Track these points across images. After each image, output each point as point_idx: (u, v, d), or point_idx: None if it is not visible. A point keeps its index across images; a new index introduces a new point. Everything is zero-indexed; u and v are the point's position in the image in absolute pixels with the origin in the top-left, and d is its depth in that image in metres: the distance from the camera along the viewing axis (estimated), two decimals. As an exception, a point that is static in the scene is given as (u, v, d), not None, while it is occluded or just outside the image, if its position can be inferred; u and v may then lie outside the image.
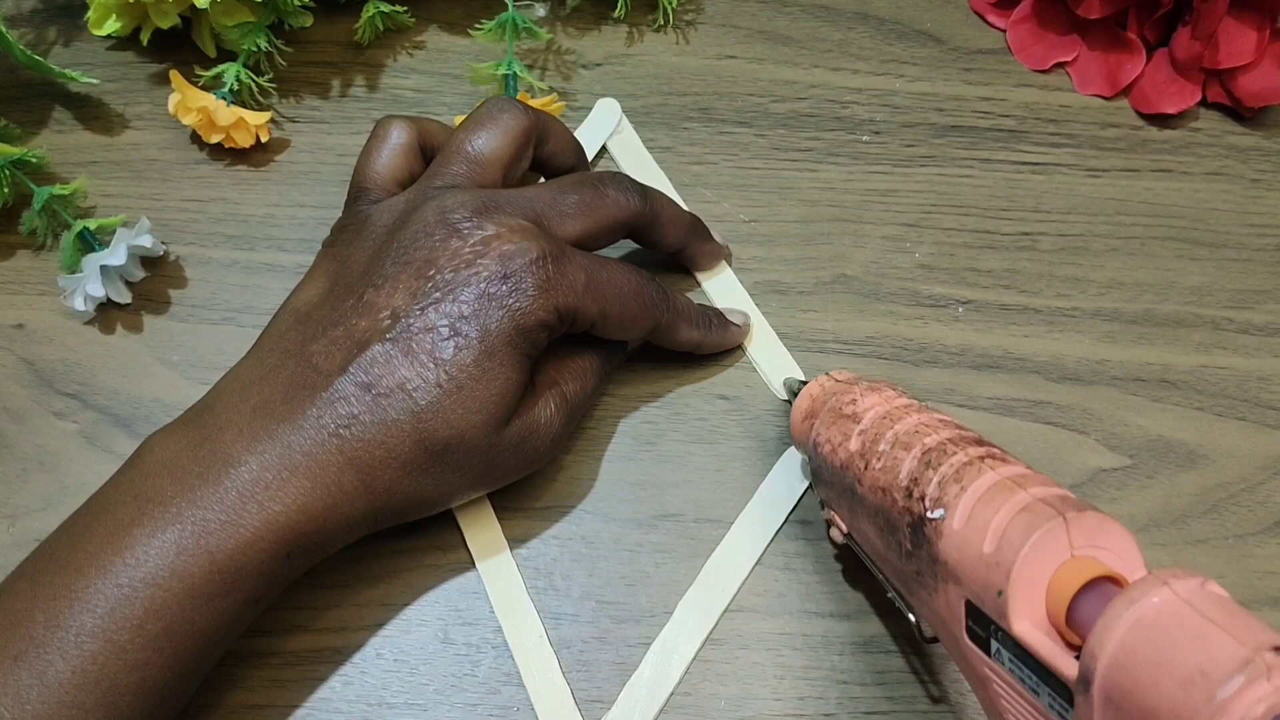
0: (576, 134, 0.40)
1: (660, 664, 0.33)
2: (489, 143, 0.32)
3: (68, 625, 0.25)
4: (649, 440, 0.36)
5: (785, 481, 0.35)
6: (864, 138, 0.42)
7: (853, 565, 0.35)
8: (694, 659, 0.33)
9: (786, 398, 0.36)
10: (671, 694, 0.32)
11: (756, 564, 0.34)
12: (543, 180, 0.35)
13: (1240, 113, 0.43)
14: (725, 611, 0.33)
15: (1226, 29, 0.40)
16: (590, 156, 0.40)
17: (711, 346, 0.36)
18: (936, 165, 0.41)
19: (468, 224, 0.30)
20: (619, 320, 0.32)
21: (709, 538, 0.35)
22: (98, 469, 0.35)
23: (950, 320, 0.39)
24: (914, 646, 0.34)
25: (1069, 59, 0.43)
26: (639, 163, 0.40)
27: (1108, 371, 0.38)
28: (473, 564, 0.34)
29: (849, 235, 0.40)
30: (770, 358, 0.37)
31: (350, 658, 0.33)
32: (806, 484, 0.35)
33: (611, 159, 0.40)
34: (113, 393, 0.36)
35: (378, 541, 0.34)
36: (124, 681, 0.26)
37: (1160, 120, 0.43)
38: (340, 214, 0.40)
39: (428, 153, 0.34)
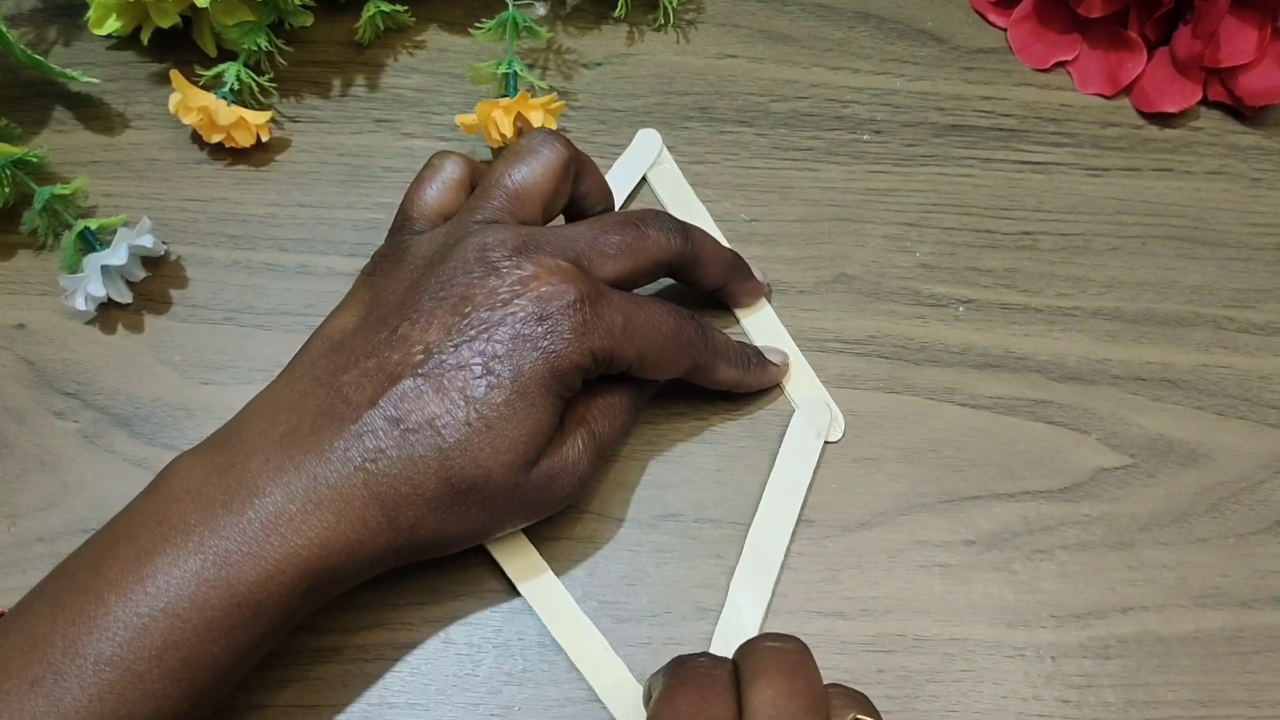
0: (617, 163, 0.40)
1: (728, 647, 0.33)
2: (529, 176, 0.32)
3: (86, 652, 0.25)
4: (649, 440, 0.36)
5: (803, 440, 0.36)
6: (865, 137, 0.42)
7: (853, 566, 0.35)
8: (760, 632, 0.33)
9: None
10: None
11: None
12: (562, 219, 0.35)
13: (1241, 112, 0.43)
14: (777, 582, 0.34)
15: (1227, 28, 0.40)
16: (630, 187, 0.40)
17: (750, 386, 0.36)
18: (937, 164, 0.41)
19: (506, 263, 0.29)
20: (656, 363, 0.32)
21: (709, 537, 0.35)
22: (98, 469, 0.35)
23: (951, 319, 0.39)
24: (914, 646, 0.34)
25: (1070, 58, 0.43)
26: (679, 195, 0.40)
27: (1109, 370, 0.38)
28: (472, 567, 0.34)
29: (850, 234, 0.40)
30: (810, 397, 0.37)
31: (351, 657, 0.33)
32: (823, 441, 0.36)
33: (651, 190, 0.40)
34: (113, 392, 0.36)
35: (378, 541, 0.34)
36: (140, 712, 0.25)
37: (1161, 119, 0.43)
38: (342, 213, 0.40)
39: None
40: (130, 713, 0.25)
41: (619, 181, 0.39)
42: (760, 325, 0.38)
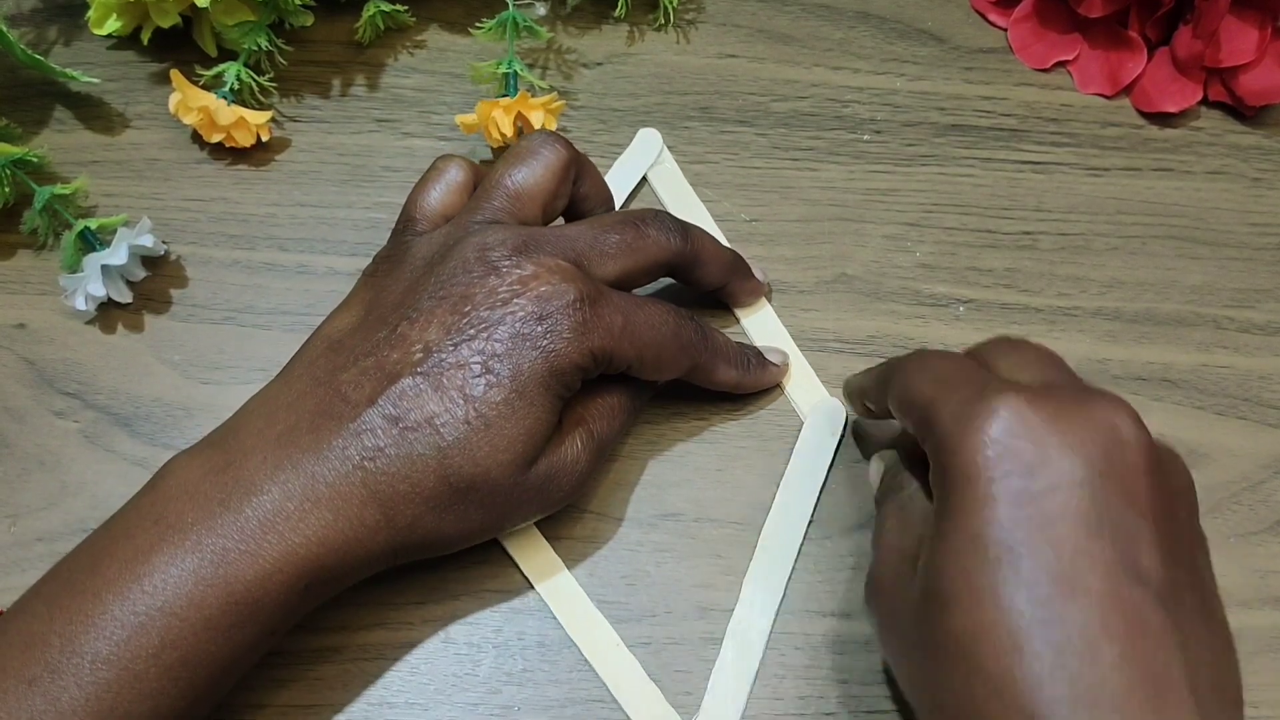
0: (617, 163, 0.40)
1: (741, 644, 0.33)
2: (529, 177, 0.32)
3: (83, 651, 0.25)
4: (649, 439, 0.36)
5: (819, 440, 0.36)
6: (865, 137, 0.42)
7: (854, 566, 0.35)
8: (772, 630, 0.33)
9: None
10: (758, 670, 0.33)
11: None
12: (562, 220, 0.35)
13: (1242, 111, 0.43)
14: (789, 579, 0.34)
15: (1228, 27, 0.40)
16: (630, 187, 0.40)
17: (749, 386, 0.36)
18: (937, 164, 0.41)
19: (506, 262, 0.29)
20: (655, 363, 0.32)
21: (709, 537, 0.35)
22: (98, 468, 0.35)
23: (951, 319, 0.39)
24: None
25: (1070, 58, 0.43)
26: (679, 194, 0.40)
27: (1109, 370, 0.38)
28: (472, 566, 0.34)
29: (850, 234, 0.40)
30: (810, 398, 0.37)
31: (351, 657, 0.33)
32: (838, 440, 0.36)
33: (652, 190, 0.40)
34: (113, 392, 0.36)
35: (378, 541, 0.34)
36: (137, 710, 0.25)
37: (1161, 119, 0.43)
38: (342, 213, 0.40)
39: None
40: (128, 711, 0.25)
41: (619, 181, 0.39)
42: (760, 325, 0.38)
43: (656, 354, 0.31)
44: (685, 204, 0.40)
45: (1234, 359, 0.39)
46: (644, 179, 0.40)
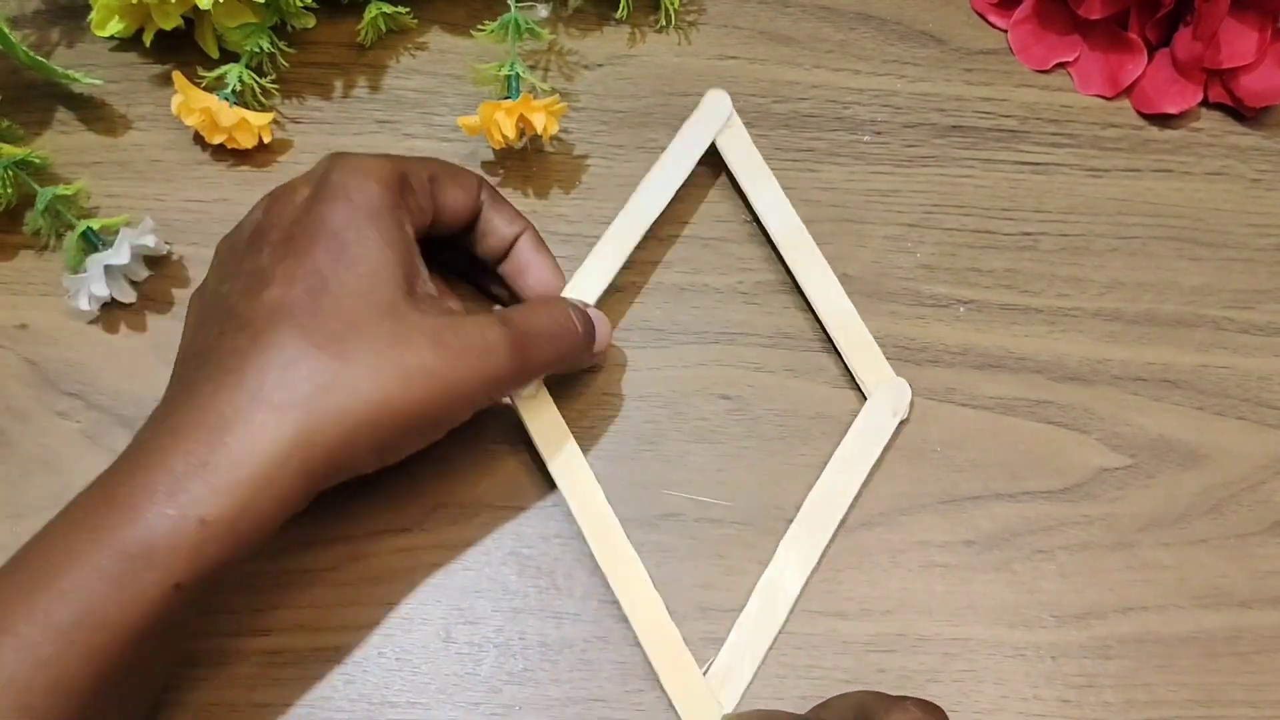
0: (684, 127, 0.38)
1: (767, 602, 0.33)
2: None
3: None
4: (650, 440, 0.36)
5: (879, 418, 0.36)
6: (865, 138, 0.42)
7: (854, 566, 0.35)
8: (801, 594, 0.34)
9: None
10: (780, 631, 0.33)
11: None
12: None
13: (1241, 113, 0.43)
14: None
15: (1228, 29, 0.40)
16: (699, 153, 0.38)
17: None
18: (938, 165, 0.41)
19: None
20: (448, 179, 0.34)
21: (710, 537, 0.35)
22: (100, 469, 0.35)
23: (952, 320, 0.39)
24: (915, 646, 0.34)
25: (1070, 59, 0.43)
26: (749, 160, 0.39)
27: (1109, 371, 0.38)
28: (472, 569, 0.34)
29: (850, 235, 0.40)
30: (874, 375, 0.36)
31: (352, 656, 0.33)
32: (899, 420, 0.36)
33: (721, 156, 0.39)
34: (115, 392, 0.36)
35: (378, 539, 0.34)
36: (38, 681, 0.25)
37: (1161, 120, 0.43)
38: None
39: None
40: (26, 682, 0.25)
41: (686, 147, 0.38)
42: (827, 299, 0.37)
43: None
44: (754, 172, 0.38)
45: (1234, 360, 0.39)
46: (712, 145, 0.39)
